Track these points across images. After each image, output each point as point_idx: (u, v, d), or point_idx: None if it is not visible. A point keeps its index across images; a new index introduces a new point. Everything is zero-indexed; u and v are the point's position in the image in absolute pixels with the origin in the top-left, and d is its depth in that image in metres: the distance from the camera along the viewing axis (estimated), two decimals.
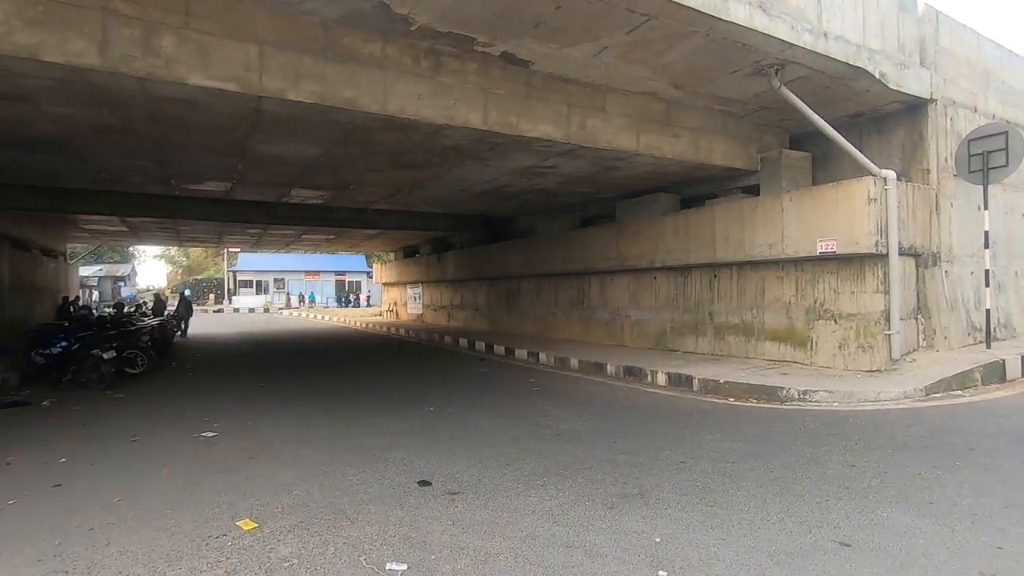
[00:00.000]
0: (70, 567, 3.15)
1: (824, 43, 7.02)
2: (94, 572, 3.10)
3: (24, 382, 9.46)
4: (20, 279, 15.38)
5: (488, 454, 5.25)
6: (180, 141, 7.59)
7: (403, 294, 26.89)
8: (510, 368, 11.34)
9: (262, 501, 4.11)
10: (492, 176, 10.41)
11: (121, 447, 5.72)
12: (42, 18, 4.83)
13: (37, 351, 9.48)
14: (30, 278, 16.38)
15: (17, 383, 9.39)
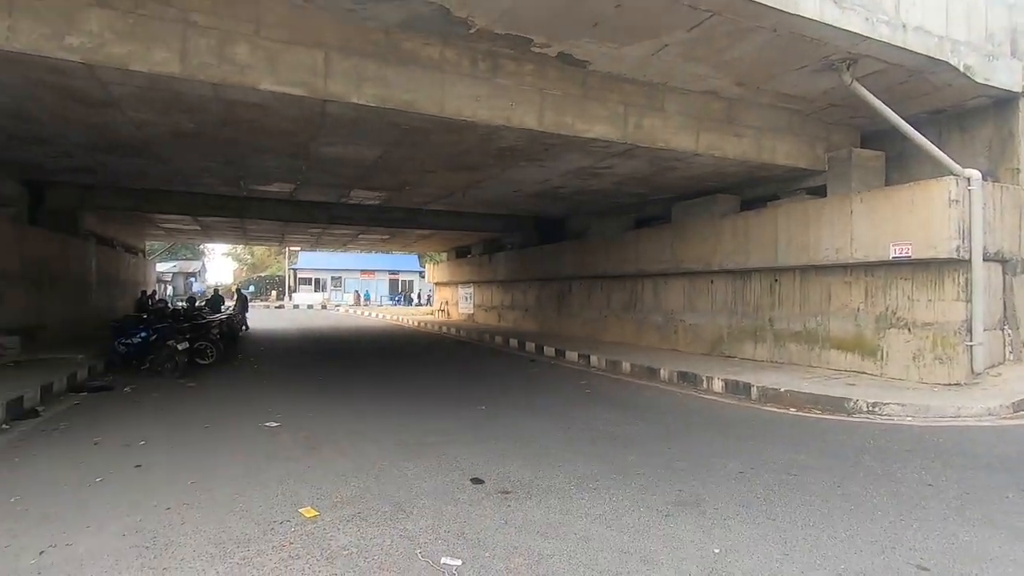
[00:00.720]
0: (150, 542, 3.37)
1: (902, 35, 6.62)
2: (171, 549, 3.30)
3: (108, 369, 10.20)
4: (105, 274, 16.60)
5: (540, 455, 5.24)
6: (250, 144, 7.99)
7: (454, 294, 27.27)
8: (561, 370, 11.29)
9: (322, 490, 4.26)
10: (546, 177, 10.40)
11: (193, 433, 6.06)
12: (131, 31, 5.19)
13: (120, 340, 10.19)
14: (114, 273, 17.65)
15: (102, 369, 10.13)
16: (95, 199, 14.09)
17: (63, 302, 13.00)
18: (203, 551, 3.26)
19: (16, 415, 6.63)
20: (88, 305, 14.38)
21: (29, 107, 6.49)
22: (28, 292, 11.15)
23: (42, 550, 3.27)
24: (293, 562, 3.12)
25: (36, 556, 3.20)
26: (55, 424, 6.46)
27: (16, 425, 6.37)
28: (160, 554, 3.22)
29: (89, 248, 15.05)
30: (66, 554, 3.23)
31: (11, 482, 4.45)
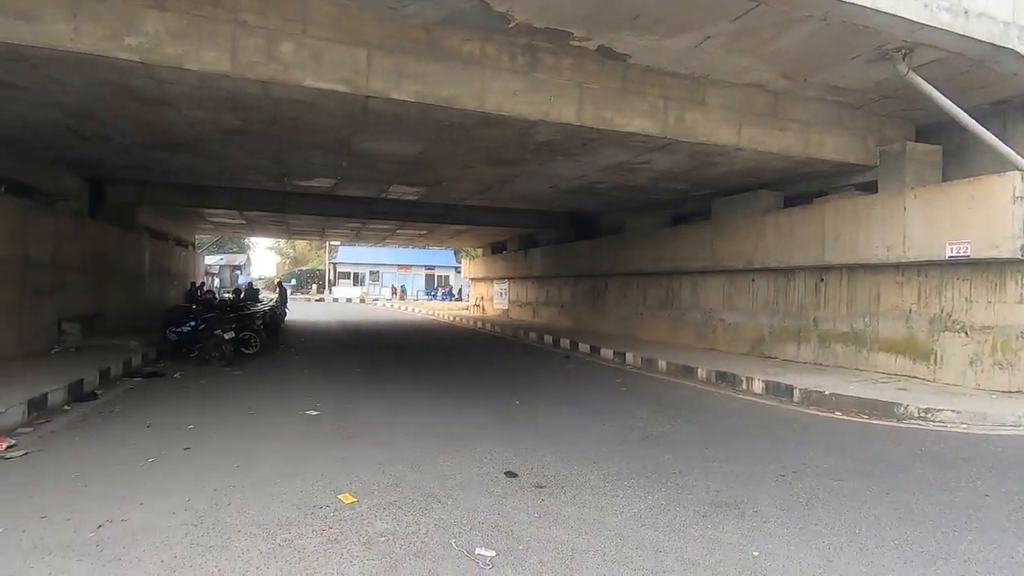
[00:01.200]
0: (198, 522, 3.51)
1: (964, 22, 6.26)
2: (218, 528, 3.43)
3: (160, 356, 10.69)
4: (158, 266, 17.37)
5: (574, 451, 5.22)
6: (294, 141, 8.21)
7: (489, 289, 27.39)
8: (595, 367, 11.21)
9: (360, 478, 4.35)
10: (583, 172, 10.32)
11: (239, 419, 6.29)
12: (185, 31, 5.40)
13: (170, 329, 10.65)
14: (166, 265, 18.44)
15: (155, 357, 10.62)
16: (150, 195, 14.75)
17: (120, 292, 13.67)
18: (247, 531, 3.38)
19: (77, 397, 7.02)
20: (142, 295, 15.08)
21: (91, 106, 6.83)
22: (88, 282, 11.77)
23: (100, 524, 3.45)
24: (332, 546, 3.21)
25: (95, 529, 3.38)
26: (111, 407, 6.81)
27: (77, 406, 6.74)
28: (208, 532, 3.36)
29: (144, 241, 15.77)
30: (121, 528, 3.40)
31: (72, 460, 4.72)
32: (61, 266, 10.49)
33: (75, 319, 10.77)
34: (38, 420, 5.99)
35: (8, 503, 3.75)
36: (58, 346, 10.11)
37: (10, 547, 3.15)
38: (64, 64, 5.49)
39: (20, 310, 9.01)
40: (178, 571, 2.91)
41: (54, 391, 6.59)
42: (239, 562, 3.01)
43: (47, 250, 9.95)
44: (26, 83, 5.99)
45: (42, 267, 9.78)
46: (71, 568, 2.93)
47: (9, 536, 3.28)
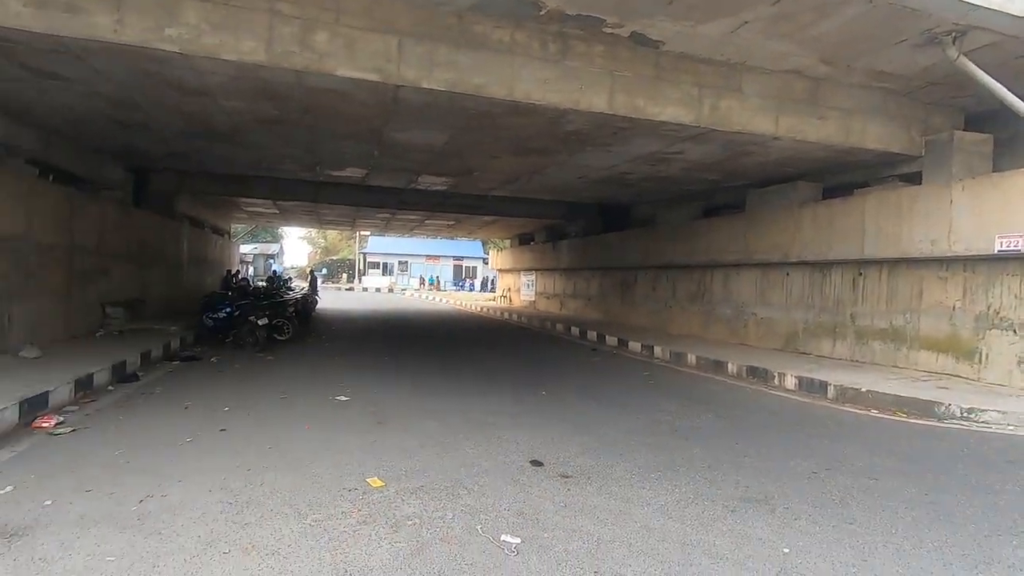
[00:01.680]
0: (233, 499, 3.62)
1: (1020, 3, 5.93)
2: (251, 505, 3.53)
3: (197, 341, 11.04)
4: (196, 253, 17.90)
5: (601, 442, 5.19)
6: (327, 130, 8.32)
7: (517, 280, 27.40)
8: (622, 359, 11.12)
9: (388, 463, 4.42)
10: (613, 163, 10.19)
11: (271, 402, 6.46)
12: (223, 21, 5.51)
13: (207, 315, 10.99)
14: (203, 253, 18.99)
15: (192, 341, 10.98)
16: (190, 184, 15.21)
17: (160, 278, 14.14)
18: (279, 511, 3.47)
19: (120, 378, 7.30)
20: (181, 282, 15.58)
21: (133, 96, 7.05)
22: (131, 269, 12.20)
23: (141, 499, 3.59)
24: (361, 527, 3.27)
25: (136, 504, 3.52)
26: (152, 388, 7.06)
27: (120, 387, 7.02)
28: (241, 510, 3.46)
29: (183, 229, 16.26)
30: (162, 503, 3.53)
31: (116, 437, 4.92)
32: (106, 253, 10.90)
33: (119, 304, 11.18)
34: (84, 399, 6.26)
35: (56, 477, 3.94)
36: (103, 329, 10.53)
37: (59, 518, 3.31)
38: (107, 55, 5.66)
39: (68, 294, 9.41)
40: (214, 546, 3.01)
41: (99, 372, 6.87)
42: (272, 539, 3.09)
43: (93, 237, 10.35)
44: (70, 74, 6.20)
45: (88, 253, 10.18)
46: (114, 539, 3.06)
47: (58, 508, 3.44)
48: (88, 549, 2.94)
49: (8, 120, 7.90)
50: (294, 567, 2.82)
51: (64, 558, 2.85)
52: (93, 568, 2.76)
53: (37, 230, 8.37)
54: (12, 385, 5.72)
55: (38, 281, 8.46)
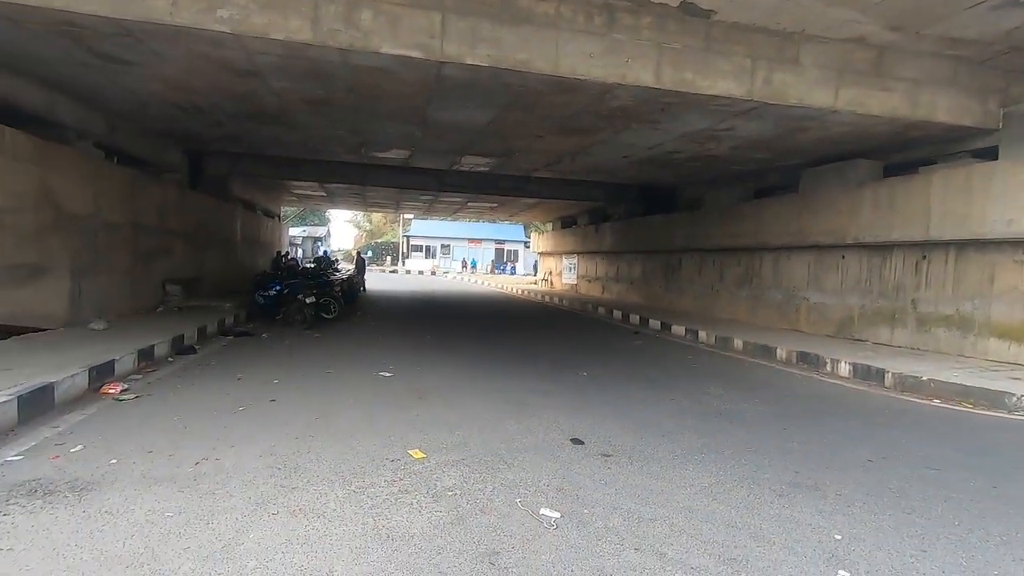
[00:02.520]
0: (282, 464, 3.76)
1: None
2: (299, 471, 3.65)
3: (249, 318, 11.49)
4: (248, 235, 18.56)
5: (642, 423, 5.11)
6: (372, 110, 8.40)
7: (558, 264, 27.24)
8: (666, 344, 10.91)
9: (429, 436, 4.48)
10: (659, 141, 9.89)
11: (318, 376, 6.65)
12: (270, 1, 5.60)
13: (258, 293, 11.40)
14: (254, 234, 19.67)
15: (244, 318, 11.43)
16: (242, 167, 15.71)
17: (215, 258, 14.75)
18: (324, 477, 3.58)
19: (179, 350, 7.68)
20: (234, 262, 16.21)
21: (189, 79, 7.30)
22: (189, 248, 12.77)
23: (197, 461, 3.77)
24: (403, 496, 3.33)
25: (193, 465, 3.69)
26: (208, 360, 7.40)
27: (179, 359, 7.39)
28: (290, 475, 3.58)
29: (236, 211, 16.87)
30: (215, 466, 3.70)
31: (175, 405, 5.18)
32: (166, 232, 11.43)
33: (178, 281, 11.74)
34: (146, 369, 6.62)
35: (121, 439, 4.17)
36: (163, 305, 11.10)
37: (123, 476, 3.51)
38: (164, 38, 5.86)
39: (132, 271, 9.94)
40: (263, 507, 3.12)
41: (159, 344, 7.24)
42: (318, 503, 3.18)
43: (154, 217, 10.86)
44: (132, 58, 6.46)
45: (150, 232, 10.70)
46: (173, 496, 3.22)
47: (123, 466, 3.65)
48: (149, 505, 3.11)
49: (78, 105, 8.32)
50: (338, 530, 2.89)
51: (127, 511, 3.02)
52: (153, 522, 2.91)
53: (104, 210, 8.85)
54: (82, 354, 6.10)
55: (106, 258, 8.96)
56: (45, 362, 5.64)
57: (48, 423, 4.51)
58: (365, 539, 2.81)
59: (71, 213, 7.91)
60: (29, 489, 3.26)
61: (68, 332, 7.47)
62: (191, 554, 2.63)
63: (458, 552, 2.73)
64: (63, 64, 6.74)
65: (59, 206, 7.60)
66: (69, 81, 7.39)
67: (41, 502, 3.11)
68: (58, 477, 3.44)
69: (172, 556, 2.60)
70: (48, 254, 7.40)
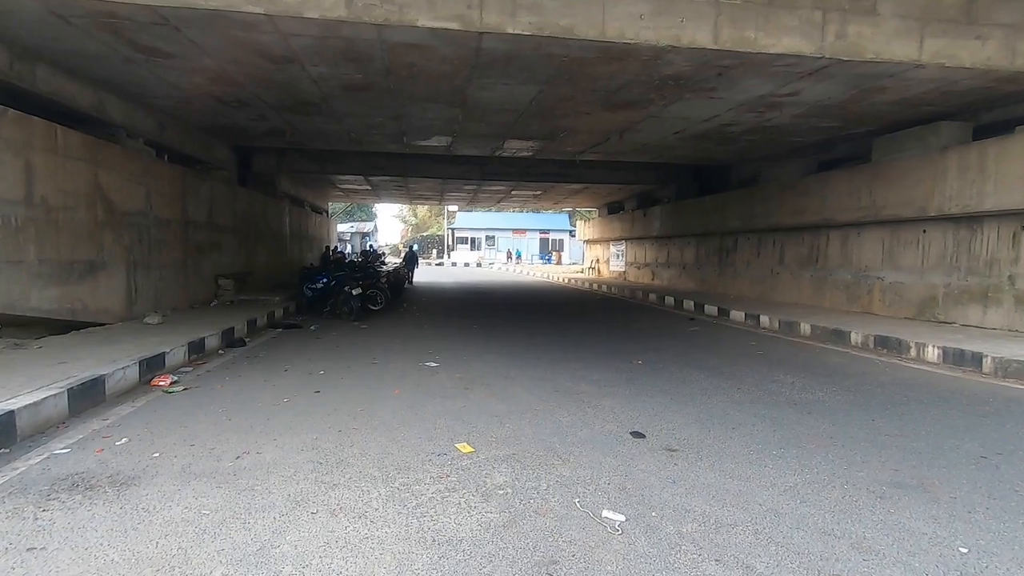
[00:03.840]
0: (323, 459, 3.55)
1: None
2: (341, 466, 3.43)
3: (298, 310, 11.59)
4: (296, 230, 18.90)
5: (709, 414, 4.67)
6: (410, 93, 8.16)
7: (605, 251, 26.58)
8: (725, 330, 10.28)
9: (477, 428, 4.20)
10: (714, 113, 9.22)
11: (363, 367, 6.50)
12: None
13: (306, 286, 11.46)
14: (303, 229, 20.03)
15: (293, 311, 11.54)
16: (288, 163, 16.02)
17: (265, 253, 15.02)
18: (367, 472, 3.34)
19: (229, 343, 7.72)
20: (284, 256, 16.50)
21: (227, 70, 7.25)
22: (239, 243, 13.01)
23: (238, 455, 3.61)
24: (450, 494, 3.05)
25: (233, 460, 3.54)
26: (256, 353, 7.39)
27: (229, 351, 7.41)
28: (331, 471, 3.37)
29: (284, 207, 17.15)
30: (256, 460, 3.53)
31: (221, 397, 5.10)
32: (216, 228, 11.64)
33: (229, 276, 11.96)
34: (197, 361, 6.64)
35: (166, 432, 4.08)
36: (216, 299, 11.32)
37: (164, 470, 3.38)
38: (199, 24, 5.77)
39: (184, 266, 10.13)
40: (303, 505, 2.91)
41: (210, 337, 7.27)
42: (359, 502, 2.94)
43: (204, 213, 11.06)
44: (171, 49, 6.43)
45: (200, 228, 10.90)
46: (211, 493, 3.05)
47: (164, 460, 3.53)
48: (186, 502, 2.94)
49: (127, 104, 8.47)
50: (380, 532, 2.64)
51: (164, 509, 2.86)
52: (190, 521, 2.74)
53: (155, 206, 9.01)
54: (135, 347, 6.15)
55: (158, 254, 9.14)
56: (98, 355, 5.69)
57: (99, 415, 4.49)
58: (409, 543, 2.54)
59: (123, 210, 8.06)
60: (71, 483, 3.17)
61: (124, 326, 7.62)
62: (224, 556, 2.42)
63: (512, 560, 2.41)
64: (108, 61, 6.79)
65: (111, 203, 7.75)
66: (116, 79, 7.48)
67: (81, 497, 3.00)
68: (100, 471, 3.35)
69: (204, 559, 2.41)
70: (102, 250, 7.55)
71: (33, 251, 6.27)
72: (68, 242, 6.86)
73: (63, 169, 6.74)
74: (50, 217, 6.55)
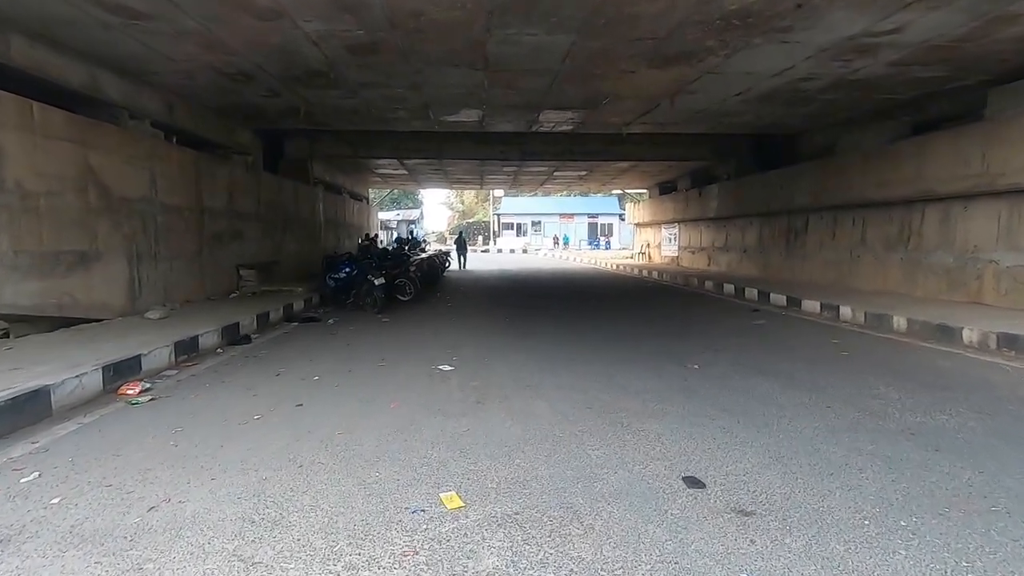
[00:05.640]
0: (259, 515, 2.61)
1: None
2: (277, 529, 2.49)
3: (323, 302, 10.91)
4: (332, 217, 18.39)
5: (792, 448, 3.44)
6: (423, 55, 7.11)
7: (657, 235, 24.90)
8: (796, 323, 8.81)
9: (476, 466, 3.18)
10: (788, 63, 7.67)
11: (368, 370, 5.63)
12: None
13: (329, 275, 10.73)
14: (340, 216, 19.52)
15: (318, 302, 10.86)
16: (321, 148, 15.44)
17: (296, 241, 14.49)
18: (308, 543, 2.38)
19: (232, 340, 7.01)
20: (317, 244, 15.96)
21: (217, 33, 6.42)
22: (265, 231, 12.46)
23: (154, 505, 2.75)
24: None
25: (144, 512, 2.67)
26: (258, 351, 6.65)
27: (229, 349, 6.72)
28: (261, 537, 2.44)
29: (317, 193, 16.60)
30: (172, 515, 2.64)
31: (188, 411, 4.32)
32: (237, 215, 11.07)
33: (252, 266, 11.41)
34: (186, 362, 5.93)
35: (90, 464, 3.28)
36: (237, 291, 10.77)
37: (48, 528, 2.54)
38: None
39: (199, 256, 9.57)
40: None
41: (206, 334, 6.56)
42: None
43: (222, 200, 10.48)
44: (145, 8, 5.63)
45: (219, 216, 10.33)
46: (85, 572, 2.17)
47: (59, 510, 2.70)
48: None
49: (127, 82, 7.85)
50: None
51: None
52: None
53: (162, 192, 8.41)
54: (114, 348, 5.47)
55: (168, 243, 8.56)
56: (68, 358, 5.02)
57: (32, 436, 3.76)
58: None
59: (122, 196, 7.46)
60: None
61: (122, 322, 7.03)
62: None
63: None
64: (85, 28, 6.08)
65: (107, 188, 7.14)
66: (104, 51, 6.80)
67: None
68: None
69: None
70: (96, 240, 6.96)
71: (6, 241, 5.67)
72: (52, 231, 6.26)
73: (42, 150, 6.11)
74: (27, 204, 5.94)
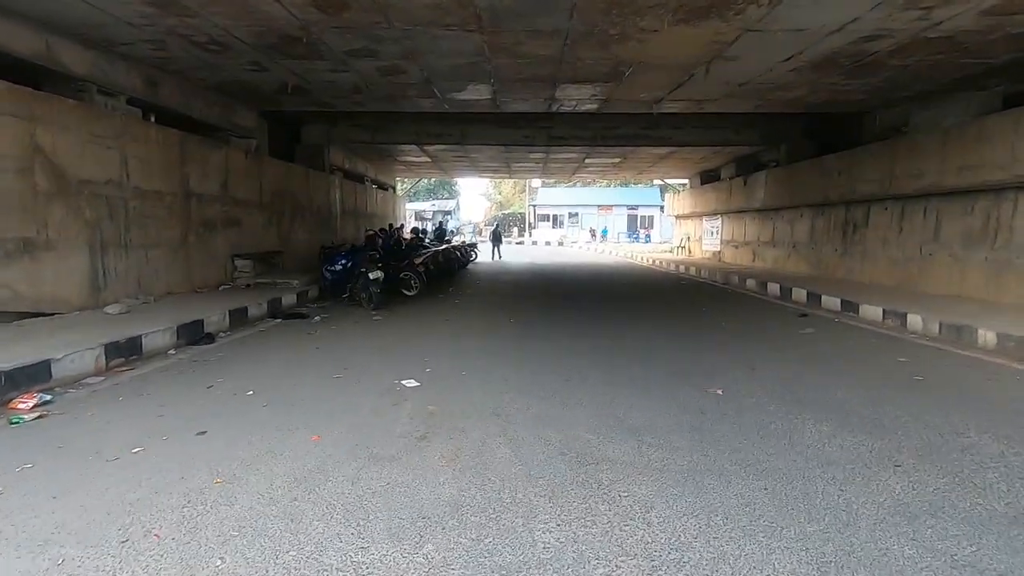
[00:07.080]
0: None
1: None
2: None
3: (321, 295, 10.14)
4: (351, 206, 17.71)
5: (852, 551, 2.25)
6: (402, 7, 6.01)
7: (698, 228, 23.22)
8: (852, 333, 7.38)
9: (366, 557, 2.15)
10: (850, 13, 6.19)
11: (317, 384, 4.76)
12: None
13: (325, 268, 9.95)
14: (360, 206, 18.84)
15: (316, 296, 10.11)
16: (338, 134, 14.82)
17: (306, 231, 13.81)
18: None
19: (191, 339, 6.26)
20: (331, 234, 15.24)
21: None
22: (267, 219, 11.79)
23: None
24: None
25: None
26: (212, 355, 5.88)
27: (183, 351, 5.99)
28: None
29: (332, 181, 15.90)
30: None
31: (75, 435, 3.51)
32: (234, 202, 10.40)
33: (250, 256, 10.75)
34: (119, 368, 5.18)
35: None
36: (231, 283, 10.11)
37: None
38: None
39: (184, 245, 8.90)
40: None
41: (152, 333, 5.79)
42: None
43: (215, 185, 9.80)
44: None
45: (210, 202, 9.65)
46: None
47: None
48: None
49: (94, 54, 7.15)
50: None
51: None
52: None
53: (136, 175, 7.73)
54: (29, 350, 4.72)
55: (143, 231, 7.89)
56: None
57: None
58: None
59: (81, 179, 6.78)
60: None
61: (68, 318, 6.31)
62: None
63: None
64: None
65: (61, 169, 6.46)
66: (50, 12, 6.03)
67: None
68: None
69: None
70: (46, 227, 6.29)
71: None
72: None
73: None
74: None
